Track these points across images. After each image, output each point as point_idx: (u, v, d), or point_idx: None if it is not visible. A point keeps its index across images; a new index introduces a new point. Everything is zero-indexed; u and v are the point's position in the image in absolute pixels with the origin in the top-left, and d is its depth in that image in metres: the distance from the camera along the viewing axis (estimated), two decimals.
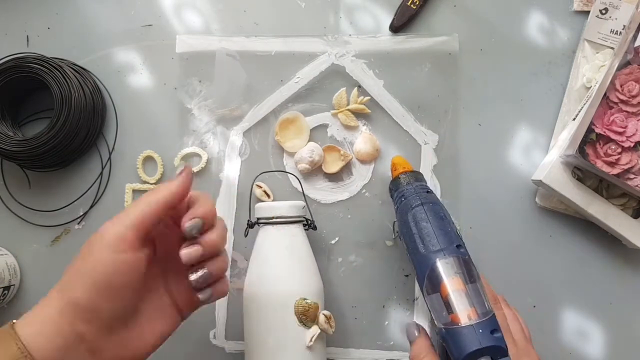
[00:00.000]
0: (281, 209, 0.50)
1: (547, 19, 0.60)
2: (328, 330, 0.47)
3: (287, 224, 0.50)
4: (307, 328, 0.46)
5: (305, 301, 0.47)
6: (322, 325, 0.47)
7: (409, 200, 0.49)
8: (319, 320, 0.47)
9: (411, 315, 0.56)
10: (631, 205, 0.54)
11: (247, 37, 0.59)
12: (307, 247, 0.51)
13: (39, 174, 0.57)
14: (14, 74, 0.53)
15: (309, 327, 0.46)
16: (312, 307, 0.47)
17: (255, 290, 0.49)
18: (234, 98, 0.58)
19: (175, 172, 0.57)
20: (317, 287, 0.49)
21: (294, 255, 0.49)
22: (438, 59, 0.59)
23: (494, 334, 0.42)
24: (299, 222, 0.51)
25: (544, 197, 0.57)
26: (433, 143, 0.58)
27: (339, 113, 0.58)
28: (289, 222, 0.50)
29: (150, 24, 0.60)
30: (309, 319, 0.46)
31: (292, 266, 0.49)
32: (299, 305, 0.46)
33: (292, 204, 0.51)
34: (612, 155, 0.51)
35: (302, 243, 0.50)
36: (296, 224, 0.51)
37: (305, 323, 0.46)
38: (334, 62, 0.58)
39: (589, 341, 0.55)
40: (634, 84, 0.52)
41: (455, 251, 0.46)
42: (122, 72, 0.59)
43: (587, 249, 0.57)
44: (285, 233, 0.50)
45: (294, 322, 0.46)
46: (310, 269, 0.50)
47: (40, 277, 0.56)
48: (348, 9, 0.60)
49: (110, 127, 0.58)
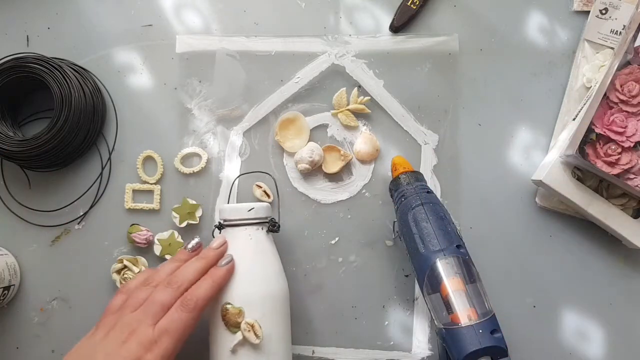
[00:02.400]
0: (239, 212, 0.49)
1: (547, 19, 0.60)
2: (251, 338, 0.45)
3: (246, 226, 0.49)
4: (232, 333, 0.46)
5: (226, 306, 0.46)
6: (244, 333, 0.45)
7: (409, 200, 0.49)
8: (241, 327, 0.45)
9: (411, 315, 0.56)
10: (631, 205, 0.54)
11: (247, 37, 0.59)
12: (268, 249, 0.49)
13: (39, 174, 0.57)
14: (14, 74, 0.53)
15: (234, 332, 0.46)
16: (229, 312, 0.46)
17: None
18: (234, 98, 0.58)
19: (175, 174, 0.57)
20: (270, 291, 0.48)
21: (251, 258, 0.48)
22: (438, 59, 0.59)
23: (494, 334, 0.42)
24: (258, 224, 0.50)
25: (544, 197, 0.57)
26: (433, 143, 0.58)
27: (339, 113, 0.58)
28: (249, 224, 0.49)
29: (150, 24, 0.60)
30: (230, 324, 0.46)
31: (246, 269, 0.48)
32: (221, 310, 0.46)
33: (250, 205, 0.50)
34: (612, 155, 0.51)
35: (261, 246, 0.49)
36: (255, 226, 0.50)
37: (229, 328, 0.46)
38: (334, 62, 0.58)
39: (588, 341, 0.55)
40: (634, 84, 0.52)
41: (455, 251, 0.46)
42: (122, 72, 0.59)
43: (587, 249, 0.57)
44: (241, 235, 0.49)
45: (221, 325, 0.46)
46: (266, 272, 0.48)
47: (40, 277, 0.56)
48: (348, 9, 0.60)
49: (110, 127, 0.58)
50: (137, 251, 0.56)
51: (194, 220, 0.56)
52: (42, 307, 0.56)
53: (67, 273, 0.56)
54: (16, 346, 0.55)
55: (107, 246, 0.56)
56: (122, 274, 0.55)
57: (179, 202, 0.56)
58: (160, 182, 0.57)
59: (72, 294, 0.56)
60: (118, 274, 0.55)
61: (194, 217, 0.56)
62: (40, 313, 0.56)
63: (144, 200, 0.57)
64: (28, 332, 0.56)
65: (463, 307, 0.43)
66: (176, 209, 0.56)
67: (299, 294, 0.56)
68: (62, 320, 0.56)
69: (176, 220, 0.56)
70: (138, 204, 0.57)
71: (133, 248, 0.56)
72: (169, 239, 0.56)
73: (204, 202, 0.57)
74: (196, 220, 0.56)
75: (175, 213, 0.56)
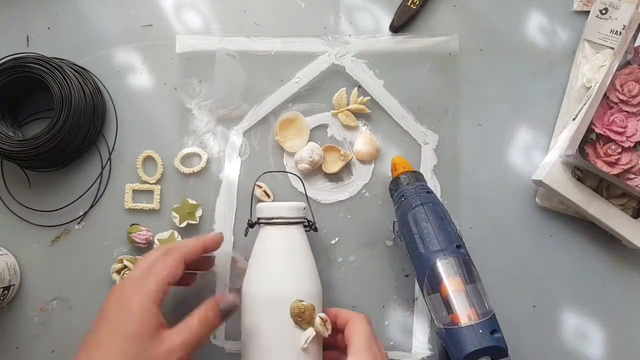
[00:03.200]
0: (282, 210, 0.50)
1: (547, 19, 0.60)
2: (324, 332, 0.47)
3: (288, 225, 0.50)
4: (302, 330, 0.46)
5: (302, 303, 0.46)
6: (318, 328, 0.46)
7: (409, 200, 0.49)
8: (315, 322, 0.47)
9: (411, 315, 0.56)
10: (631, 205, 0.54)
11: (247, 37, 0.59)
12: (307, 249, 0.50)
13: (39, 174, 0.57)
14: (14, 74, 0.53)
15: (304, 328, 0.46)
16: (307, 308, 0.46)
17: (254, 289, 0.48)
18: (234, 98, 0.58)
19: (175, 174, 0.57)
20: (315, 289, 0.49)
21: (293, 256, 0.49)
22: (438, 59, 0.59)
23: (494, 334, 0.42)
24: (299, 224, 0.51)
25: (544, 197, 0.57)
26: (433, 143, 0.58)
27: (339, 113, 0.58)
28: (289, 222, 0.50)
29: (150, 24, 0.60)
30: (304, 321, 0.46)
31: (290, 267, 0.48)
32: (295, 307, 0.46)
33: (293, 205, 0.50)
34: (612, 155, 0.51)
35: (301, 244, 0.50)
36: (297, 225, 0.50)
37: (301, 325, 0.46)
38: (334, 62, 0.58)
39: (588, 341, 0.55)
40: (634, 84, 0.52)
41: (455, 251, 0.46)
42: (122, 72, 0.59)
43: (587, 249, 0.57)
44: (285, 233, 0.50)
45: (289, 323, 0.46)
46: (308, 271, 0.49)
47: (40, 277, 0.56)
48: (348, 9, 0.60)
49: (110, 127, 0.58)
50: (137, 251, 0.56)
51: (194, 220, 0.56)
52: (42, 307, 0.56)
53: (67, 273, 0.56)
54: (16, 346, 0.55)
55: (107, 246, 0.56)
56: (122, 274, 0.55)
57: (179, 202, 0.56)
58: (160, 182, 0.57)
59: (72, 294, 0.56)
60: (118, 274, 0.55)
61: (194, 217, 0.56)
62: (40, 313, 0.56)
63: (144, 200, 0.57)
64: (28, 332, 0.56)
65: (463, 307, 0.43)
66: (176, 209, 0.56)
67: None
68: (62, 320, 0.56)
69: (176, 220, 0.56)
70: (138, 204, 0.57)
71: (133, 248, 0.56)
72: (169, 239, 0.56)
73: (204, 202, 0.57)
74: (196, 220, 0.56)
75: (175, 213, 0.56)
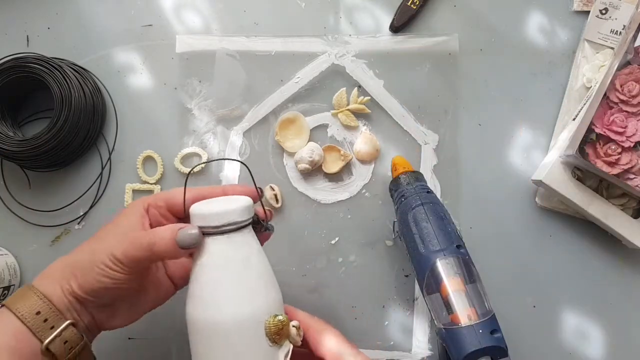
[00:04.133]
0: (233, 214, 0.39)
1: (547, 19, 0.60)
2: (298, 341, 0.40)
3: (241, 230, 0.40)
4: (279, 347, 0.39)
5: (277, 318, 0.39)
6: (294, 339, 0.40)
7: (409, 200, 0.49)
8: (290, 334, 0.40)
9: (411, 315, 0.56)
10: (631, 205, 0.54)
11: (247, 37, 0.59)
12: (263, 255, 0.41)
13: (39, 174, 0.57)
14: (14, 74, 0.53)
15: (281, 345, 0.39)
16: (284, 323, 0.39)
17: (209, 316, 0.38)
18: (234, 98, 0.58)
19: (175, 174, 0.57)
20: (280, 296, 0.41)
21: (259, 265, 0.40)
22: (438, 59, 0.59)
23: (494, 334, 0.42)
24: (249, 224, 0.41)
25: (544, 197, 0.57)
26: (433, 143, 0.58)
27: (339, 113, 0.58)
28: (242, 227, 0.40)
29: (150, 24, 0.60)
30: (282, 337, 0.39)
31: (258, 279, 0.40)
32: (271, 325, 0.39)
33: (243, 204, 0.40)
34: (612, 155, 0.51)
35: (258, 248, 0.41)
36: (247, 226, 0.40)
37: (278, 342, 0.39)
38: (334, 62, 0.58)
39: (588, 341, 0.55)
40: (634, 84, 0.52)
41: (455, 251, 0.46)
42: (122, 72, 0.59)
43: (587, 249, 0.57)
44: (242, 242, 0.40)
45: (265, 344, 0.38)
46: (272, 278, 0.41)
47: None
48: (348, 9, 0.60)
49: (110, 127, 0.58)
50: None
51: None
52: None
53: None
54: None
55: None
56: None
57: None
58: (160, 182, 0.57)
59: None
60: None
61: None
62: None
63: None
64: None
65: (463, 307, 0.43)
66: None
67: (298, 294, 0.56)
68: None
69: None
70: None
71: None
72: None
73: None
74: None
75: None
